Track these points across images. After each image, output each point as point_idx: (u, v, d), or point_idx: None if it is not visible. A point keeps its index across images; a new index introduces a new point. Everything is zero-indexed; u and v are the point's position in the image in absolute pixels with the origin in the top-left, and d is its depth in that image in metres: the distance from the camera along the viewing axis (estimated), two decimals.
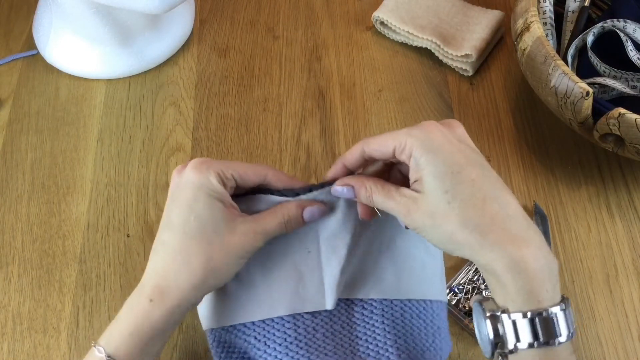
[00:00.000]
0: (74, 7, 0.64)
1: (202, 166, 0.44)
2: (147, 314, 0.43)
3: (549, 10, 0.66)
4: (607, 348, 0.55)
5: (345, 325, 0.48)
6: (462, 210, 0.40)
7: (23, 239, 0.61)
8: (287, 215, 0.45)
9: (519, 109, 0.70)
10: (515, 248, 0.39)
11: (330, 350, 0.46)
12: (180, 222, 0.43)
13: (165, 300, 0.43)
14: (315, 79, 0.72)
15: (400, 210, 0.42)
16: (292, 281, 0.47)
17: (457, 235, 0.40)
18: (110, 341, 0.43)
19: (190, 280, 0.43)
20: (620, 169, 0.65)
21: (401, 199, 0.42)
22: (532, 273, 0.38)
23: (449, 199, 0.40)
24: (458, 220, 0.39)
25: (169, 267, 0.43)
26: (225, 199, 0.44)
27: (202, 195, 0.43)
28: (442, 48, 0.70)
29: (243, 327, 0.47)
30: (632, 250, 0.60)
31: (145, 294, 0.43)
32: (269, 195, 0.46)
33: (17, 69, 0.72)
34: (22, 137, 0.67)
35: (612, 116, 0.54)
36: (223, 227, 0.43)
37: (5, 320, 0.56)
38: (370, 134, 0.67)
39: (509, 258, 0.38)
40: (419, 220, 0.41)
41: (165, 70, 0.72)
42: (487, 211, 0.40)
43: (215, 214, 0.43)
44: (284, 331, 0.46)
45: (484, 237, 0.39)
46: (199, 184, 0.43)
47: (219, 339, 0.48)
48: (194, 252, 0.43)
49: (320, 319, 0.47)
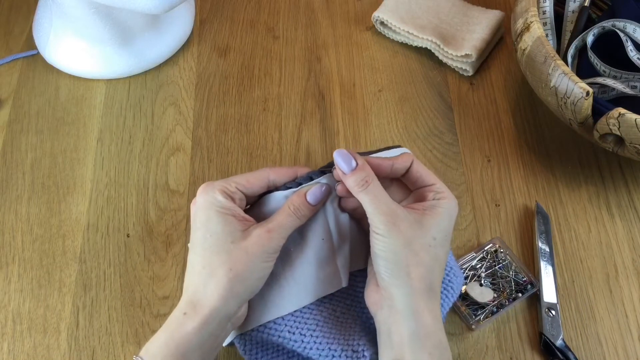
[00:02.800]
0: (74, 7, 0.64)
1: (207, 188, 0.47)
2: (180, 326, 0.44)
3: (549, 10, 0.66)
4: (607, 348, 0.55)
5: (353, 297, 0.52)
6: (433, 262, 0.45)
7: (23, 239, 0.61)
8: (293, 205, 0.47)
9: (519, 109, 0.70)
10: (424, 319, 0.44)
11: (351, 322, 0.50)
12: (199, 242, 0.46)
13: (197, 311, 0.44)
14: (315, 79, 0.72)
15: (387, 214, 0.45)
16: (314, 270, 0.50)
17: (412, 272, 0.44)
18: (148, 351, 0.44)
19: (218, 290, 0.44)
20: (620, 169, 0.65)
21: (395, 206, 0.45)
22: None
23: (431, 243, 0.45)
24: (423, 263, 0.44)
25: (197, 282, 0.45)
26: (235, 211, 0.46)
27: (213, 214, 0.46)
28: (442, 48, 0.70)
29: (273, 324, 0.49)
30: (632, 250, 0.60)
31: (180, 308, 0.45)
32: (275, 192, 0.49)
33: (17, 69, 0.72)
34: (22, 137, 0.67)
35: (612, 116, 0.54)
36: (238, 236, 0.45)
37: (5, 320, 0.56)
38: (370, 134, 0.67)
39: (414, 327, 0.43)
40: (394, 232, 0.44)
41: (165, 70, 0.72)
42: (438, 281, 0.45)
43: (228, 226, 0.45)
44: (313, 317, 0.49)
45: (424, 296, 0.44)
46: (208, 204, 0.46)
47: (251, 342, 0.50)
48: (216, 264, 0.45)
49: (336, 299, 0.51)
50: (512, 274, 0.57)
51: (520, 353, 0.55)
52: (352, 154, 0.47)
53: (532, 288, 0.56)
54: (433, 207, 0.46)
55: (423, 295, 0.44)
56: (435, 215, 0.45)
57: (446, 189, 0.48)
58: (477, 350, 0.55)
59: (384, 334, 0.45)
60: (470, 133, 0.68)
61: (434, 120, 0.68)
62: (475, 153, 0.66)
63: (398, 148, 0.54)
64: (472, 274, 0.57)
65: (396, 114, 0.69)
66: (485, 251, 0.59)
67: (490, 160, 0.66)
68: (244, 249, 0.45)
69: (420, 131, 0.68)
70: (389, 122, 0.68)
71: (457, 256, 0.59)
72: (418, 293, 0.44)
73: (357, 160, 0.46)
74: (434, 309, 0.44)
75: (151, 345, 0.44)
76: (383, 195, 0.45)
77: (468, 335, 0.55)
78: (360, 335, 0.49)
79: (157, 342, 0.44)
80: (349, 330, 0.50)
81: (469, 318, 0.55)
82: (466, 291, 0.56)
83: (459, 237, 0.61)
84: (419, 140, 0.67)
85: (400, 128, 0.68)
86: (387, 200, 0.45)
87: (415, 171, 0.48)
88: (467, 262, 0.58)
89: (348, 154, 0.46)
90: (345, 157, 0.46)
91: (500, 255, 0.58)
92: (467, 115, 0.69)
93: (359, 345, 0.48)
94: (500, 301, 0.56)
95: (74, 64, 0.70)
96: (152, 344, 0.44)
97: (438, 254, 0.45)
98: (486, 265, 0.58)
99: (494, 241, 0.59)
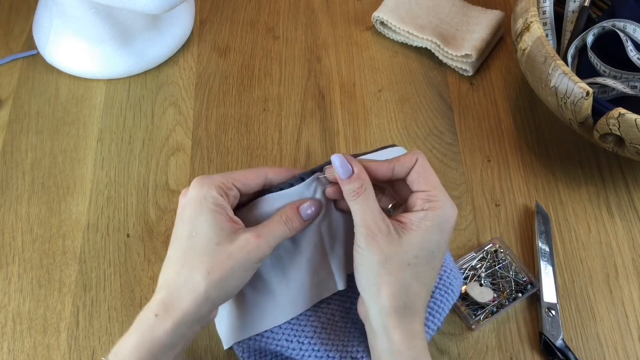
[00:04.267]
0: (74, 7, 0.64)
1: (203, 181, 0.45)
2: (151, 328, 0.43)
3: (549, 10, 0.66)
4: (607, 348, 0.55)
5: (353, 299, 0.51)
6: (410, 281, 0.43)
7: (23, 239, 0.61)
8: (285, 215, 0.46)
9: (519, 109, 0.70)
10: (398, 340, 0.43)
11: (350, 326, 0.50)
12: (184, 238, 0.44)
13: (169, 314, 0.43)
14: (315, 79, 0.72)
15: (370, 228, 0.43)
16: (308, 276, 0.49)
17: (383, 290, 0.43)
18: (117, 354, 0.43)
19: (193, 294, 0.43)
20: (620, 169, 0.65)
21: (381, 221, 0.44)
22: None
23: (411, 261, 0.43)
24: (397, 282, 0.43)
25: (172, 281, 0.44)
26: (226, 210, 0.45)
27: (203, 210, 0.44)
28: (442, 48, 0.70)
29: (271, 332, 0.49)
30: (632, 250, 0.60)
31: (151, 309, 0.43)
32: (266, 195, 0.47)
33: (17, 69, 0.72)
34: (22, 137, 0.67)
35: (612, 116, 0.54)
36: (224, 238, 0.43)
37: (5, 320, 0.56)
38: (370, 134, 0.67)
39: (386, 345, 0.43)
40: (372, 247, 0.43)
41: (165, 70, 0.72)
42: (417, 298, 0.44)
43: (216, 226, 0.43)
44: (310, 324, 0.49)
45: (395, 315, 0.43)
46: (200, 199, 0.44)
47: (249, 350, 0.50)
48: (196, 265, 0.43)
49: (334, 303, 0.51)
50: (512, 274, 0.57)
51: (520, 353, 0.55)
52: (350, 159, 0.45)
53: (532, 288, 0.56)
54: (420, 221, 0.43)
55: (394, 314, 0.43)
56: (419, 232, 0.43)
57: (443, 195, 0.44)
58: (477, 350, 0.55)
59: (369, 346, 0.46)
60: (470, 133, 0.68)
61: (434, 120, 0.68)
62: (475, 153, 0.66)
63: (393, 147, 0.54)
64: (472, 274, 0.57)
65: (396, 114, 0.69)
66: (485, 251, 0.59)
67: (490, 160, 0.66)
68: (227, 253, 0.43)
69: (420, 131, 0.68)
70: (389, 122, 0.68)
71: (457, 256, 0.59)
72: (388, 311, 0.43)
73: (354, 167, 0.45)
74: (407, 328, 0.43)
75: (121, 348, 0.43)
76: (372, 207, 0.44)
77: (468, 335, 0.55)
78: (360, 340, 0.49)
79: (127, 345, 0.43)
80: (347, 335, 0.49)
81: (469, 318, 0.55)
82: (466, 291, 0.56)
83: (459, 237, 0.61)
84: (419, 140, 0.67)
85: (400, 128, 0.68)
86: (374, 213, 0.44)
87: (415, 173, 0.45)
88: (467, 262, 0.58)
89: (345, 160, 0.45)
90: (343, 162, 0.45)
91: (500, 255, 0.58)
92: (467, 115, 0.69)
93: (357, 351, 0.48)
94: (500, 301, 0.56)
95: (74, 64, 0.70)
96: (122, 347, 0.43)
97: (419, 272, 0.43)
98: (486, 265, 0.58)
99: (494, 241, 0.59)
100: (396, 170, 0.46)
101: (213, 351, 0.54)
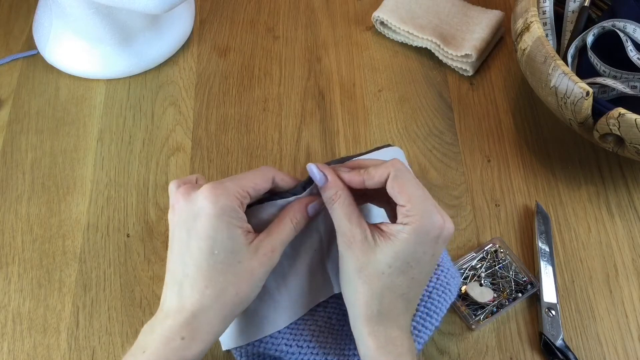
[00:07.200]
0: (74, 7, 0.64)
1: (218, 191, 0.42)
2: (179, 351, 0.41)
3: (549, 10, 0.66)
4: (607, 348, 0.55)
5: None
6: (383, 290, 0.43)
7: (23, 239, 0.61)
8: (295, 218, 0.46)
9: (519, 109, 0.70)
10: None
11: (347, 330, 0.49)
12: (204, 255, 0.42)
13: (199, 338, 0.42)
14: (315, 79, 0.72)
15: (346, 235, 0.44)
16: (306, 280, 0.50)
17: (358, 298, 0.43)
18: None
19: (221, 315, 0.42)
20: (620, 169, 0.65)
21: (355, 228, 0.44)
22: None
23: (385, 270, 0.43)
24: (370, 291, 0.43)
25: (199, 303, 0.42)
26: (244, 224, 0.44)
27: (222, 226, 0.42)
28: (442, 48, 0.70)
29: (269, 337, 0.49)
30: (632, 250, 0.60)
31: (175, 331, 0.42)
32: (269, 202, 0.47)
33: (17, 69, 0.72)
34: (22, 137, 0.67)
35: (612, 116, 0.54)
36: (245, 253, 0.43)
37: (5, 320, 0.56)
38: (370, 134, 0.67)
39: (363, 350, 0.44)
40: (348, 254, 0.44)
41: (165, 70, 0.72)
42: (393, 307, 0.44)
43: (237, 242, 0.42)
44: (308, 327, 0.49)
45: (368, 322, 0.43)
46: (217, 213, 0.42)
47: (248, 354, 0.50)
48: (221, 285, 0.42)
49: (331, 307, 0.51)
50: (512, 274, 0.57)
51: (520, 353, 0.55)
52: (322, 168, 0.46)
53: (532, 288, 0.56)
54: (397, 232, 0.43)
55: (368, 320, 0.43)
56: (395, 242, 0.42)
57: (421, 208, 0.43)
58: (477, 350, 0.55)
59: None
60: (470, 133, 0.68)
61: (434, 120, 0.68)
62: (475, 153, 0.66)
63: (389, 147, 0.54)
64: (472, 274, 0.57)
65: (396, 114, 0.69)
66: (485, 251, 0.59)
67: (490, 160, 0.66)
68: (250, 271, 0.43)
69: (420, 131, 0.68)
70: (389, 122, 0.68)
71: (457, 256, 0.59)
72: (362, 318, 0.43)
73: (327, 175, 0.45)
74: (381, 334, 0.43)
75: None
76: (347, 213, 0.44)
77: (468, 335, 0.55)
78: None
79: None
80: (344, 339, 0.50)
81: (469, 318, 0.55)
82: (466, 291, 0.56)
83: (459, 237, 0.61)
84: (419, 140, 0.67)
85: (400, 128, 0.68)
86: (352, 220, 0.44)
87: (391, 187, 0.44)
88: (467, 262, 0.58)
89: (317, 169, 0.46)
90: (316, 171, 0.46)
91: (500, 255, 0.58)
92: (467, 115, 0.69)
93: (354, 355, 0.49)
94: (500, 301, 0.56)
95: (74, 64, 0.70)
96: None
97: (394, 282, 0.43)
98: (486, 265, 0.58)
99: (494, 241, 0.59)
100: (367, 183, 0.45)
101: (213, 351, 0.54)
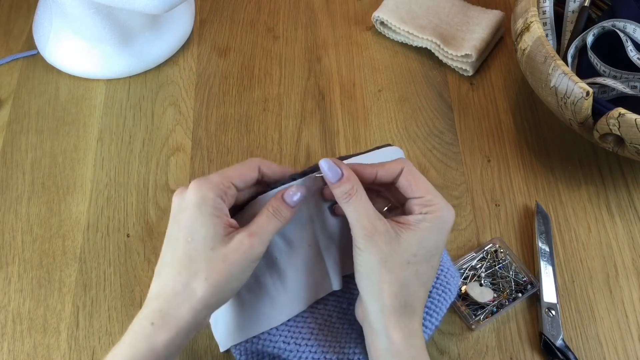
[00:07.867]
0: (74, 7, 0.64)
1: (201, 184, 0.44)
2: (148, 337, 0.42)
3: (549, 10, 0.66)
4: (607, 348, 0.55)
5: (350, 300, 0.51)
6: (409, 279, 0.43)
7: (23, 239, 0.61)
8: (272, 206, 0.45)
9: (519, 109, 0.70)
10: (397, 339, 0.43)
11: (347, 328, 0.50)
12: (180, 243, 0.43)
13: (167, 323, 0.42)
14: (315, 79, 0.72)
15: (367, 228, 0.44)
16: (303, 277, 0.49)
17: (384, 290, 0.43)
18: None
19: (191, 302, 0.42)
20: (620, 169, 0.65)
21: (377, 220, 0.44)
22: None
23: (411, 259, 0.43)
24: (397, 281, 0.43)
25: (170, 289, 0.43)
26: (223, 213, 0.44)
27: (201, 214, 0.43)
28: (442, 48, 0.70)
29: (268, 335, 0.49)
30: (632, 250, 0.60)
31: (147, 317, 0.42)
32: (260, 196, 0.47)
33: (17, 69, 0.72)
34: (22, 137, 0.67)
35: (612, 116, 0.54)
36: (219, 241, 0.43)
37: (5, 320, 0.56)
38: (370, 134, 0.67)
39: (386, 345, 0.43)
40: (371, 247, 0.43)
41: (165, 70, 0.72)
42: (417, 297, 0.44)
43: (212, 230, 0.43)
44: (307, 325, 0.49)
45: (395, 314, 0.43)
46: (199, 203, 0.43)
47: (247, 352, 0.50)
48: (192, 272, 0.42)
49: (331, 304, 0.51)
50: (512, 274, 0.57)
51: (520, 353, 0.55)
52: (338, 163, 0.45)
53: (532, 288, 0.56)
54: (418, 222, 0.44)
55: (394, 313, 0.43)
56: (418, 231, 0.44)
57: (439, 199, 0.45)
58: (477, 350, 0.55)
59: (367, 347, 0.46)
60: (470, 133, 0.68)
61: (434, 120, 0.69)
62: (475, 153, 0.66)
63: (388, 147, 0.54)
64: (472, 274, 0.57)
65: (396, 114, 0.69)
66: (485, 251, 0.59)
67: (490, 160, 0.66)
68: (222, 257, 0.42)
69: (420, 131, 0.68)
70: (389, 122, 0.68)
71: (457, 256, 0.59)
72: (389, 311, 0.43)
73: (343, 170, 0.45)
74: (406, 327, 0.43)
75: (116, 358, 0.42)
76: (366, 207, 0.44)
77: (468, 335, 0.55)
78: (357, 342, 0.49)
79: (122, 354, 0.42)
80: (345, 337, 0.49)
81: (469, 318, 0.55)
82: (466, 291, 0.56)
83: (459, 237, 0.61)
84: (419, 140, 0.67)
85: (400, 128, 0.68)
86: (370, 213, 0.44)
87: (405, 180, 0.45)
88: (467, 262, 0.58)
89: (334, 164, 0.45)
90: (331, 166, 0.45)
91: (500, 255, 0.58)
92: (467, 115, 0.69)
93: (354, 353, 0.48)
94: (500, 301, 0.56)
95: (74, 64, 0.70)
96: (117, 356, 0.42)
97: (419, 270, 0.44)
98: (486, 265, 0.58)
99: (494, 241, 0.59)
100: (379, 176, 0.46)
101: (213, 351, 0.54)
